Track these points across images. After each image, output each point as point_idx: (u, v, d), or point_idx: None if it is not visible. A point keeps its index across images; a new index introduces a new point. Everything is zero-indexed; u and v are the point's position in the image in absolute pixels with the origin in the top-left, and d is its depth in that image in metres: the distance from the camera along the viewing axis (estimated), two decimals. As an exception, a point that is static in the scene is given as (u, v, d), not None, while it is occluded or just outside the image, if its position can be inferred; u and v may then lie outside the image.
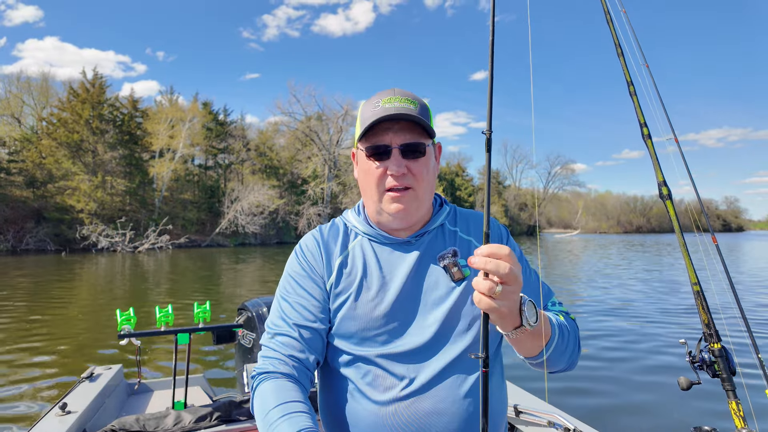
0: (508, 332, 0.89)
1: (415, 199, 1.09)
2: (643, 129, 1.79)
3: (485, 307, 0.81)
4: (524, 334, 0.90)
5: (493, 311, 0.81)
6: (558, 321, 1.05)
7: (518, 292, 0.84)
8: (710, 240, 1.71)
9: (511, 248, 1.10)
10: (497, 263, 0.80)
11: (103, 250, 33.40)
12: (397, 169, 1.05)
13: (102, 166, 37.97)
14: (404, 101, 1.07)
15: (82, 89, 38.83)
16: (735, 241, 54.02)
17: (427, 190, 1.11)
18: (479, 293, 0.81)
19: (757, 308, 9.98)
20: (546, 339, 0.97)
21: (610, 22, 1.91)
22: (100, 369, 3.03)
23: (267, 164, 50.01)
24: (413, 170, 1.07)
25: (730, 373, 1.45)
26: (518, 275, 0.82)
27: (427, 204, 1.13)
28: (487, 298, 0.80)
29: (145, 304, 10.37)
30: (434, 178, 1.14)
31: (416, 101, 1.09)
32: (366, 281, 1.10)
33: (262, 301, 3.22)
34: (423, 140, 1.08)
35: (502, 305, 0.81)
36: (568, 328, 1.07)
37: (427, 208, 1.14)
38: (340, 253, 1.15)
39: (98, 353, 6.75)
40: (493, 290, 0.80)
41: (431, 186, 1.12)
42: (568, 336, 1.06)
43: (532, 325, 0.88)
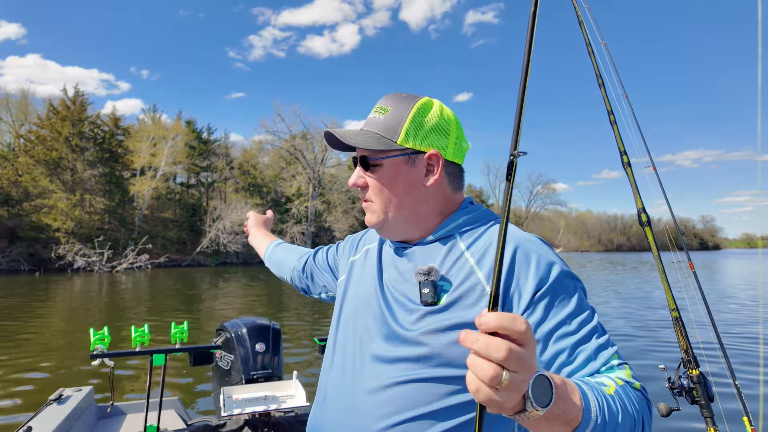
0: (511, 416, 0.65)
1: (378, 212, 1.01)
2: (623, 157, 1.82)
3: (483, 399, 0.57)
4: (532, 420, 0.64)
5: (494, 405, 0.58)
6: (601, 397, 0.74)
7: (528, 381, 0.61)
8: (687, 266, 1.74)
9: (565, 293, 0.88)
10: (508, 347, 0.56)
11: (80, 270, 32.52)
12: (351, 180, 1.06)
13: (81, 184, 37.25)
14: (376, 110, 1.03)
15: (63, 106, 38.31)
16: (712, 260, 55.22)
17: (389, 206, 1.01)
18: (477, 380, 0.58)
19: (733, 331, 10.15)
20: (573, 423, 0.69)
21: (592, 54, 1.96)
22: (70, 391, 2.93)
23: (250, 182, 49.72)
24: (369, 183, 1.03)
25: (709, 399, 1.45)
26: (533, 361, 0.60)
27: (400, 220, 1.02)
28: (488, 389, 0.57)
29: (121, 325, 10.08)
30: (407, 191, 1.00)
31: (387, 109, 1.01)
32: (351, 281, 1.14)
33: (241, 322, 3.16)
34: (372, 153, 1.00)
35: (508, 400, 0.58)
36: (620, 407, 0.76)
37: (407, 224, 1.02)
38: (362, 244, 1.22)
39: (70, 375, 6.50)
40: (498, 379, 0.56)
41: (399, 201, 1.00)
42: (615, 419, 0.74)
43: (540, 410, 0.62)
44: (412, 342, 0.92)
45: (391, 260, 1.06)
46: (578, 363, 0.83)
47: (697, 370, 1.48)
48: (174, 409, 3.35)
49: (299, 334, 9.65)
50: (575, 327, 0.85)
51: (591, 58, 2.02)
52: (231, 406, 2.56)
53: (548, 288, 0.88)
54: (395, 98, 1.02)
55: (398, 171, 1.00)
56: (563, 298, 0.88)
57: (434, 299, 0.92)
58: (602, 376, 0.82)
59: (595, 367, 0.83)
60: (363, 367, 0.98)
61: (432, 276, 0.94)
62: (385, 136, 1.00)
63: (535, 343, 0.61)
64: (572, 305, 0.87)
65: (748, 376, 6.35)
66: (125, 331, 8.77)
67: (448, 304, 0.91)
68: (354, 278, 1.14)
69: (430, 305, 0.92)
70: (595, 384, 0.78)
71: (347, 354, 1.03)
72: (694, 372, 1.48)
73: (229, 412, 2.53)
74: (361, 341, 1.02)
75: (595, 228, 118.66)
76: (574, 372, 0.83)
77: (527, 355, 0.58)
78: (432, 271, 0.94)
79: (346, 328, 1.08)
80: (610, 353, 0.84)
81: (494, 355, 0.56)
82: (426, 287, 0.93)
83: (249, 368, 2.94)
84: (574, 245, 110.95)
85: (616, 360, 0.84)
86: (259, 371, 2.94)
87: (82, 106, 39.35)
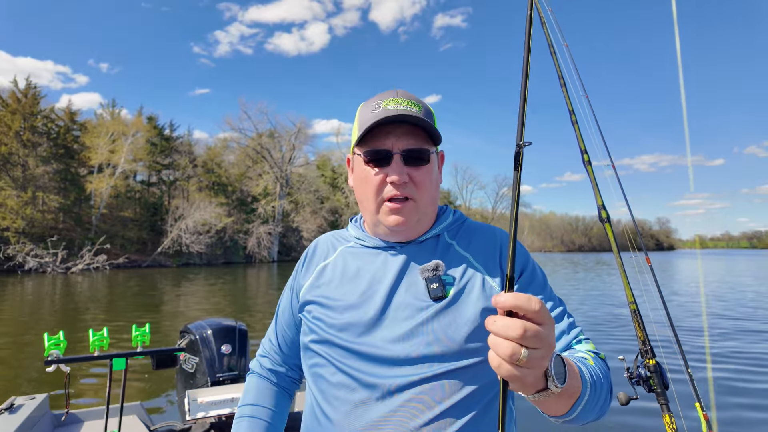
0: (530, 396, 0.70)
1: (416, 211, 0.99)
2: (584, 155, 1.89)
3: (505, 374, 0.61)
4: (550, 397, 0.69)
5: (516, 380, 0.62)
6: (588, 370, 0.84)
7: (549, 357, 0.64)
8: (645, 261, 1.82)
9: (533, 274, 1.01)
10: (523, 326, 0.59)
11: (31, 271, 30.93)
12: (398, 176, 0.95)
13: (33, 181, 35.44)
14: (408, 103, 0.97)
15: (13, 99, 36.32)
16: (667, 259, 57.89)
17: (430, 202, 1.01)
18: (498, 357, 0.61)
19: (686, 323, 10.68)
20: (575, 395, 0.77)
21: (554, 54, 2.02)
22: (22, 399, 2.80)
23: (215, 181, 48.57)
24: (415, 179, 0.97)
25: (664, 387, 1.53)
26: (551, 338, 0.63)
27: (429, 216, 1.03)
28: (509, 365, 0.61)
29: (78, 329, 9.65)
30: (437, 188, 1.03)
31: (420, 104, 0.99)
32: (338, 288, 1.03)
33: (206, 324, 3.09)
34: (427, 146, 0.98)
35: (528, 374, 0.62)
36: (600, 375, 0.87)
37: (429, 221, 1.04)
38: (323, 259, 1.12)
39: (22, 383, 6.18)
40: (517, 356, 0.59)
41: (434, 197, 1.02)
42: (600, 387, 0.85)
43: (559, 387, 0.68)
44: (428, 340, 0.93)
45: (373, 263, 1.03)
46: (558, 334, 0.96)
47: (654, 359, 1.55)
48: (136, 415, 3.25)
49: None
50: (551, 306, 0.99)
51: (553, 58, 2.08)
52: (196, 410, 2.50)
53: (528, 273, 1.00)
54: (412, 95, 1.02)
55: (435, 166, 1.03)
56: (539, 283, 1.01)
57: (443, 293, 0.95)
58: (579, 351, 0.93)
59: (568, 340, 0.96)
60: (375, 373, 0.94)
61: (439, 271, 0.97)
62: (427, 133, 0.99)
63: (553, 321, 0.64)
64: (547, 289, 1.01)
65: (699, 364, 6.70)
66: (83, 335, 8.41)
67: (456, 295, 0.95)
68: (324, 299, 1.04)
69: (439, 299, 0.94)
70: (580, 358, 0.89)
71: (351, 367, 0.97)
72: (650, 362, 1.56)
73: (195, 416, 2.47)
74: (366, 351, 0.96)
75: (558, 229, 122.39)
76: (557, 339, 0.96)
77: (544, 333, 0.61)
78: (439, 266, 0.97)
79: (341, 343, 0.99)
80: (578, 329, 0.98)
81: (511, 333, 0.60)
82: (434, 282, 0.95)
83: (215, 370, 2.88)
84: (537, 246, 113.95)
85: (582, 335, 0.98)
86: (225, 373, 2.89)
87: (35, 99, 37.43)
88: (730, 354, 7.64)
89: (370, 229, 1.08)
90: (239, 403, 1.18)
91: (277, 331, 1.21)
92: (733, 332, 9.56)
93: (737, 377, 6.33)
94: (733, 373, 6.55)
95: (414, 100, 0.99)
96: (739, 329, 9.90)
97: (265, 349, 1.23)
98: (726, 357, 7.45)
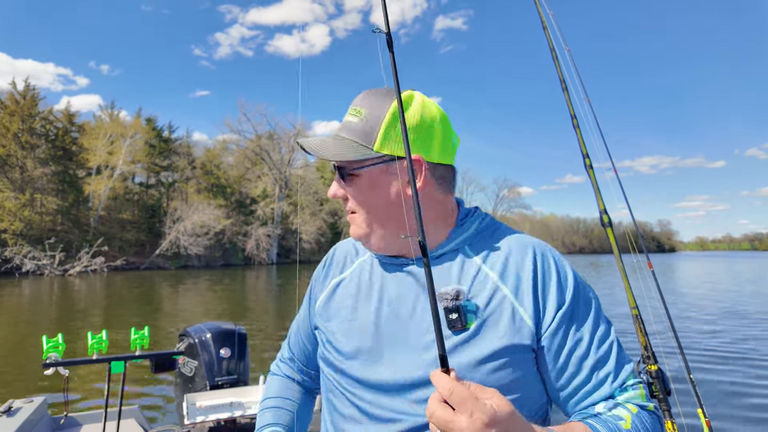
0: None
1: (363, 224, 0.91)
2: (586, 160, 1.89)
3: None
4: None
5: None
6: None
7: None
8: (647, 266, 1.81)
9: (574, 309, 0.84)
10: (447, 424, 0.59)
11: (28, 274, 30.86)
12: (332, 192, 0.94)
13: (31, 183, 35.40)
14: (352, 113, 0.91)
15: (11, 101, 36.31)
16: (668, 262, 57.98)
17: (373, 220, 0.90)
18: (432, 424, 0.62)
19: (689, 329, 10.68)
20: None
21: (556, 59, 2.02)
22: (20, 402, 2.79)
23: (214, 183, 48.55)
24: (349, 194, 0.92)
25: (666, 393, 1.52)
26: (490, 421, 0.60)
27: (386, 235, 0.91)
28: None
29: (77, 331, 9.62)
30: (387, 203, 0.89)
31: (362, 111, 0.90)
32: (351, 310, 0.96)
33: (205, 327, 3.08)
34: (349, 163, 0.89)
35: None
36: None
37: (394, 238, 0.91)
38: (340, 272, 1.04)
39: (20, 386, 6.16)
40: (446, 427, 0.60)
41: (382, 214, 0.90)
42: None
43: None
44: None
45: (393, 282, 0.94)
46: (594, 384, 0.83)
47: (656, 365, 1.55)
48: (134, 419, 3.23)
49: (266, 338, 9.48)
50: (594, 347, 0.84)
51: (555, 62, 2.08)
52: (195, 414, 2.49)
53: (569, 305, 0.84)
54: (371, 97, 0.91)
55: (378, 181, 0.89)
56: (582, 314, 0.85)
57: (463, 323, 0.82)
58: (618, 407, 0.81)
59: (611, 389, 0.82)
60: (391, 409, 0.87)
61: (459, 300, 0.83)
62: (360, 143, 0.88)
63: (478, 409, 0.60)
64: (590, 322, 0.85)
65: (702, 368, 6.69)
66: (81, 338, 8.38)
67: (478, 327, 0.82)
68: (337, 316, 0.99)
69: (459, 330, 0.83)
70: (612, 421, 0.78)
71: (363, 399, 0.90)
72: (652, 367, 1.55)
73: (193, 420, 2.46)
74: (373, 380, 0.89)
75: (559, 231, 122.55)
76: (591, 392, 0.83)
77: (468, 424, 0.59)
78: (460, 294, 0.84)
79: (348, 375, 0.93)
80: (626, 373, 0.84)
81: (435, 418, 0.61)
82: (453, 312, 0.82)
83: (213, 374, 2.87)
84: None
85: (631, 380, 0.84)
86: (224, 377, 2.87)
87: (33, 100, 37.42)
88: (734, 359, 7.64)
89: None
90: (262, 397, 1.13)
91: (294, 341, 1.16)
92: (732, 334, 9.56)
93: (741, 381, 6.33)
94: (738, 376, 6.55)
95: (361, 107, 0.90)
96: (738, 330, 9.90)
97: (284, 357, 1.19)
98: (729, 361, 7.44)
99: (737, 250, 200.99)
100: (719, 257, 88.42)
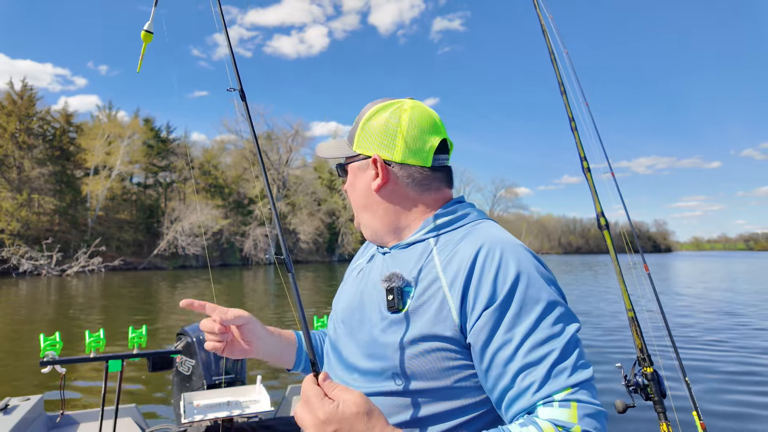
0: None
1: (357, 216, 1.06)
2: (584, 162, 1.89)
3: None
4: None
5: None
6: None
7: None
8: (643, 268, 1.82)
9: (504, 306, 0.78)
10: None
11: (26, 274, 30.76)
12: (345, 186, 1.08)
13: (28, 183, 35.28)
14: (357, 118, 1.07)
15: (9, 101, 36.19)
16: (664, 262, 58.05)
17: (358, 208, 1.03)
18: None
19: (684, 330, 10.71)
20: None
21: (554, 62, 2.03)
22: (17, 400, 2.78)
23: (212, 183, 48.47)
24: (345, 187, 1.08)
25: (661, 395, 1.53)
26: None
27: (370, 224, 1.01)
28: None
29: (74, 330, 9.59)
30: (364, 195, 1.00)
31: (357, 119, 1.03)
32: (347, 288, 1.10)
33: (203, 327, 3.08)
34: (343, 159, 1.05)
35: None
36: None
37: (376, 228, 1.00)
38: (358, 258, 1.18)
39: (17, 384, 6.14)
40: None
41: (365, 204, 1.00)
42: None
43: None
44: (377, 354, 0.88)
45: (374, 266, 1.02)
46: (516, 392, 0.75)
47: (651, 367, 1.56)
48: (131, 417, 3.23)
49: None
50: (523, 350, 0.76)
51: (554, 66, 2.08)
52: (192, 413, 2.49)
53: (501, 303, 0.79)
54: (370, 104, 1.03)
55: (356, 177, 1.02)
56: (517, 314, 0.78)
57: (398, 305, 0.86)
58: (532, 422, 0.71)
59: (532, 401, 0.74)
60: (342, 376, 0.98)
61: (393, 282, 0.88)
62: (347, 143, 1.04)
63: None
64: (527, 324, 0.77)
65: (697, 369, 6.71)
66: (78, 337, 8.37)
67: (412, 311, 0.86)
68: (344, 286, 1.13)
69: (395, 312, 0.87)
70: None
71: (330, 361, 1.05)
72: (648, 369, 1.56)
73: (190, 419, 2.46)
74: (340, 350, 1.01)
75: (555, 231, 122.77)
76: (513, 400, 0.76)
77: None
78: (393, 277, 0.89)
79: (331, 336, 1.08)
80: (557, 386, 0.73)
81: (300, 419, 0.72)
82: (390, 293, 0.87)
83: (211, 373, 2.87)
84: (535, 247, 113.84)
85: (562, 393, 0.72)
86: (221, 376, 2.87)
87: (31, 101, 37.31)
88: (729, 360, 7.66)
89: None
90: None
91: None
92: (728, 333, 9.59)
93: (736, 383, 6.35)
94: (734, 378, 6.57)
95: (362, 112, 1.03)
96: (734, 330, 9.93)
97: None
98: (725, 362, 7.47)
99: (732, 250, 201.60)
100: (715, 257, 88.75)
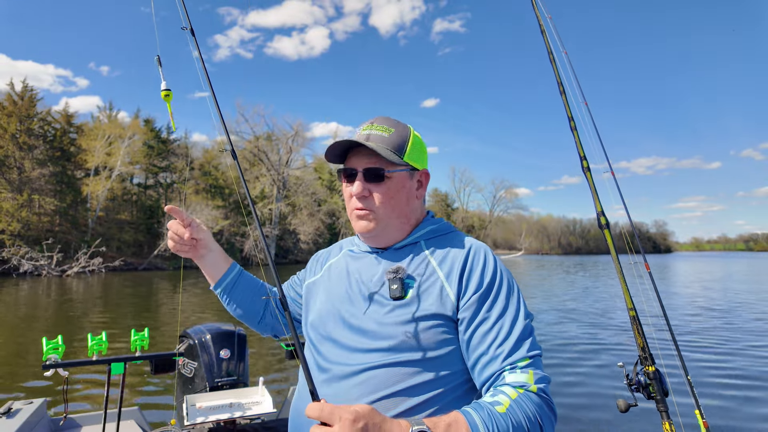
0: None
1: (377, 221, 1.13)
2: (583, 162, 1.90)
3: None
4: None
5: None
6: (492, 423, 0.87)
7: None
8: (644, 268, 1.82)
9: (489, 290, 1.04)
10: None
11: (26, 275, 30.75)
12: (357, 191, 1.13)
13: (29, 184, 35.27)
14: (378, 128, 1.14)
15: (9, 101, 36.17)
16: (664, 262, 58.03)
17: (392, 214, 1.14)
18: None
19: (686, 329, 10.70)
20: None
21: (553, 62, 2.03)
22: (20, 404, 2.78)
23: (212, 184, 48.46)
24: (374, 194, 1.13)
25: (664, 394, 1.53)
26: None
27: (396, 226, 1.16)
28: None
29: (76, 333, 9.60)
30: (407, 202, 1.16)
31: (390, 129, 1.15)
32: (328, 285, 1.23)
33: (205, 328, 3.08)
34: (386, 166, 1.12)
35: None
36: (512, 423, 0.88)
37: (399, 230, 1.17)
38: (325, 261, 1.32)
39: (20, 387, 6.14)
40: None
41: (399, 210, 1.15)
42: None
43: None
44: (384, 334, 1.04)
45: (361, 265, 1.19)
46: (490, 357, 0.99)
47: (653, 366, 1.56)
48: (134, 420, 3.23)
49: (265, 339, 9.47)
50: (498, 325, 1.01)
51: (553, 66, 2.09)
52: (195, 415, 2.49)
53: (486, 288, 1.05)
54: (391, 121, 1.17)
55: (403, 184, 1.15)
56: (496, 299, 1.04)
57: (402, 294, 1.06)
58: (500, 391, 0.94)
59: (501, 365, 0.97)
60: (338, 358, 1.08)
61: (399, 274, 1.08)
62: (394, 152, 1.12)
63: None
64: (501, 306, 1.04)
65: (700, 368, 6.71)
66: (81, 340, 8.38)
67: (414, 297, 1.05)
68: (321, 290, 1.25)
69: (398, 299, 1.06)
70: (489, 406, 0.90)
71: (322, 350, 1.13)
72: (650, 369, 1.56)
73: (193, 421, 2.46)
74: (336, 338, 1.11)
75: (555, 231, 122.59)
76: (486, 364, 0.99)
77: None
78: (399, 269, 1.09)
79: (320, 329, 1.16)
80: (520, 355, 0.98)
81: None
82: (394, 284, 1.07)
83: (213, 375, 2.87)
84: (535, 248, 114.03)
85: (523, 362, 0.97)
86: (223, 378, 2.87)
87: (31, 101, 37.29)
88: (731, 358, 7.66)
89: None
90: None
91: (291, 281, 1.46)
92: (728, 332, 9.59)
93: (739, 381, 6.35)
94: (736, 376, 6.57)
95: (387, 126, 1.15)
96: (734, 328, 9.93)
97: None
98: (727, 360, 7.47)
99: (732, 251, 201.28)
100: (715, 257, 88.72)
